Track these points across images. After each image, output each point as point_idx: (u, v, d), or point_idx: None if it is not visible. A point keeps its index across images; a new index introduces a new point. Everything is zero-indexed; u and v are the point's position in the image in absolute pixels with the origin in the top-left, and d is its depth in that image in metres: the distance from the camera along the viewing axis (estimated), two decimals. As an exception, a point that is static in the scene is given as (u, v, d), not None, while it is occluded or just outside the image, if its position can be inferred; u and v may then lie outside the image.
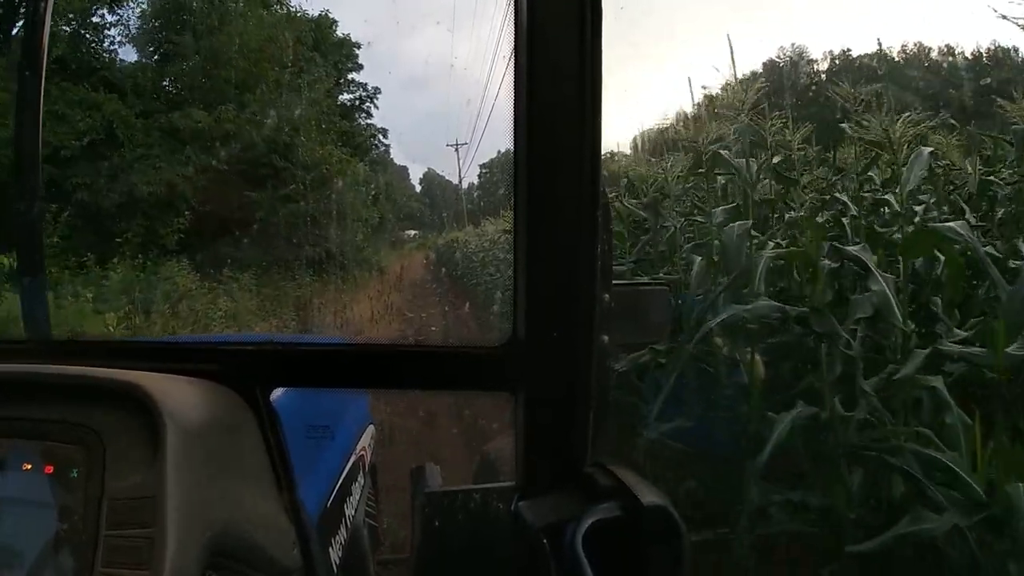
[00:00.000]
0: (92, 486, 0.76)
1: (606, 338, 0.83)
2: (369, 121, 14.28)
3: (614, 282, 0.85)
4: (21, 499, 0.78)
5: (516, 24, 0.77)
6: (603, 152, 0.80)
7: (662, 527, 0.74)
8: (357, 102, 14.05)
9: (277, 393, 0.96)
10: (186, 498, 0.76)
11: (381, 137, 14.60)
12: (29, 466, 0.79)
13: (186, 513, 0.75)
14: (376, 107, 14.08)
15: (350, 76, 13.81)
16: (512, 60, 0.78)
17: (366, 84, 13.91)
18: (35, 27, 1.12)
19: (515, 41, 0.78)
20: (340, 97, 13.97)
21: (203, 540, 0.77)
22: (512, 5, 0.78)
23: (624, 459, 0.92)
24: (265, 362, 0.96)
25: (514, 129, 0.79)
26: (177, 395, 0.83)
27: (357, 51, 13.60)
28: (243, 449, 0.92)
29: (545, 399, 0.84)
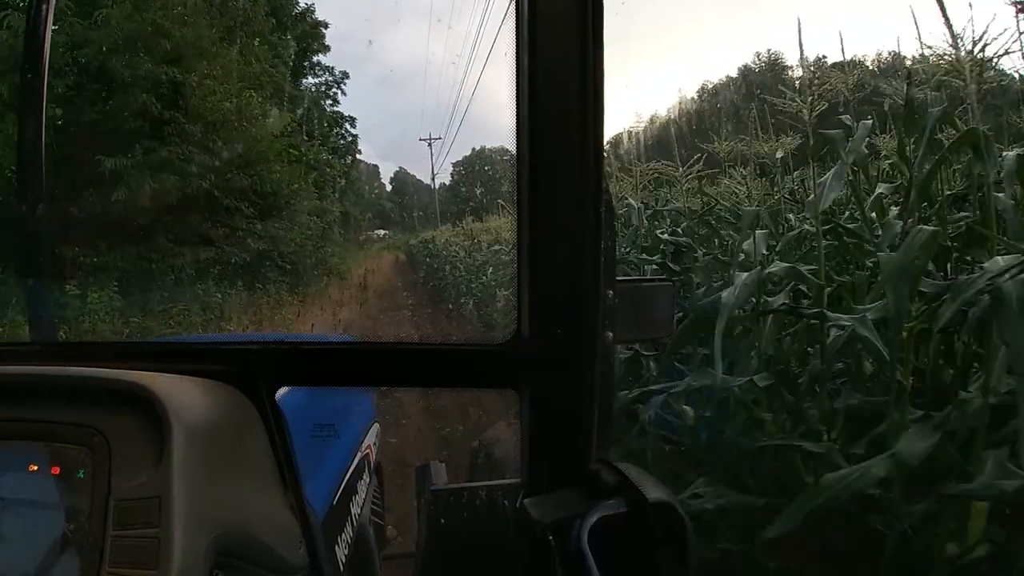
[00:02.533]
0: (98, 487, 0.76)
1: (611, 335, 0.83)
2: (335, 108, 12.30)
3: (618, 279, 0.85)
4: (28, 500, 0.78)
5: (517, 21, 0.77)
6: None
7: (668, 523, 0.74)
8: (323, 87, 12.14)
9: (282, 392, 0.96)
10: (192, 498, 0.76)
11: (348, 126, 12.58)
12: (36, 467, 0.79)
13: (192, 513, 0.75)
14: (344, 93, 12.22)
15: (315, 58, 11.77)
16: (514, 57, 0.78)
17: (332, 68, 11.93)
18: (36, 29, 1.12)
19: (516, 38, 0.77)
20: (304, 80, 11.73)
21: (209, 540, 0.77)
22: (513, 3, 0.78)
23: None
24: (270, 361, 0.96)
25: (516, 127, 0.79)
26: (182, 395, 0.83)
27: (324, 31, 11.53)
28: (249, 448, 0.92)
29: (550, 396, 0.84)
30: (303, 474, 0.98)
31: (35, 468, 0.79)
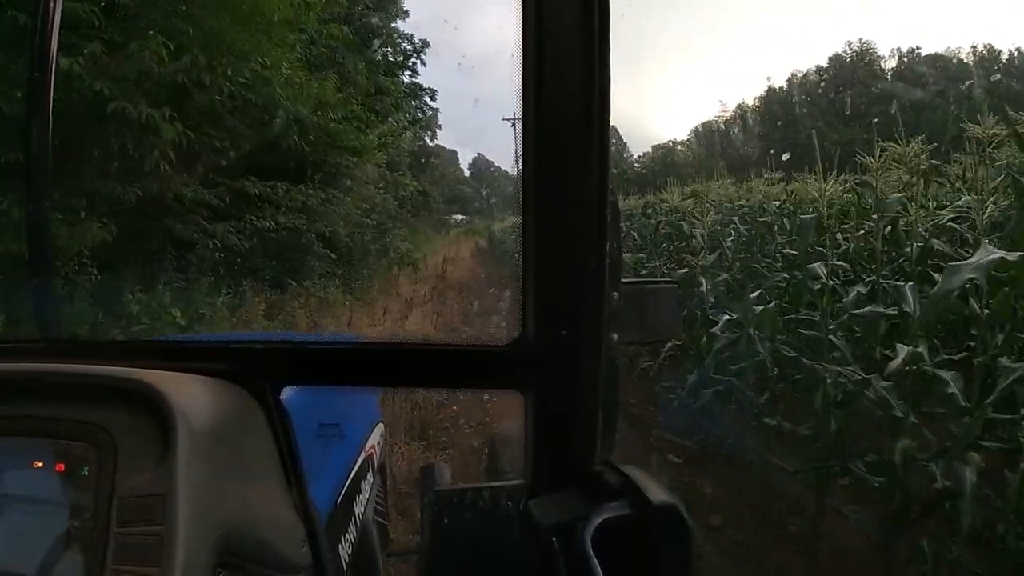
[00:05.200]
0: (103, 484, 0.77)
1: (615, 336, 0.83)
2: (414, 80, 11.28)
3: (623, 280, 0.85)
4: (32, 497, 0.78)
5: (524, 20, 0.77)
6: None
7: (671, 526, 0.74)
8: (401, 57, 11.21)
9: (287, 391, 0.96)
10: (196, 496, 0.76)
11: (428, 99, 11.38)
12: (40, 464, 0.79)
13: (196, 511, 0.76)
14: (423, 64, 11.28)
15: (393, 24, 10.84)
16: (520, 56, 0.78)
17: (412, 36, 11.06)
18: (44, 27, 1.13)
19: (523, 37, 0.77)
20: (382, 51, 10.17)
21: (213, 538, 0.77)
22: (520, 1, 0.77)
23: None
24: (276, 361, 0.96)
25: (522, 127, 0.79)
26: (188, 394, 0.84)
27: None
28: (253, 447, 0.92)
29: (554, 397, 0.84)
30: (307, 473, 0.98)
31: (39, 465, 0.79)
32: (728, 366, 4.15)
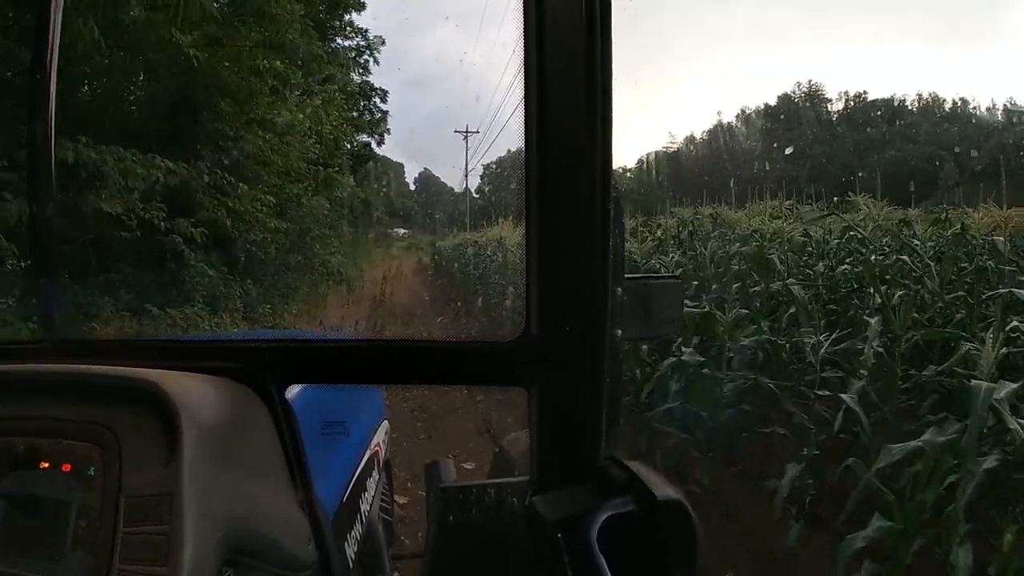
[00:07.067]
0: (109, 484, 0.77)
1: (619, 332, 0.83)
2: (366, 78, 10.22)
3: (626, 276, 0.85)
4: (39, 497, 0.79)
5: (525, 19, 0.77)
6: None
7: (676, 521, 0.74)
8: (353, 53, 10.19)
9: (293, 390, 0.96)
10: (202, 495, 0.76)
11: (378, 101, 10.36)
12: (47, 464, 0.80)
13: (203, 510, 0.76)
14: (377, 63, 10.21)
15: (347, 17, 9.59)
16: (522, 55, 0.78)
17: (366, 31, 9.89)
18: (44, 29, 1.12)
19: (524, 36, 0.77)
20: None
21: (219, 536, 0.77)
22: (522, 1, 0.77)
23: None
24: (280, 359, 0.96)
25: (525, 124, 0.79)
26: (194, 393, 0.84)
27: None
28: (259, 446, 0.92)
29: (559, 394, 0.84)
30: (313, 471, 0.98)
31: (46, 465, 0.80)
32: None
